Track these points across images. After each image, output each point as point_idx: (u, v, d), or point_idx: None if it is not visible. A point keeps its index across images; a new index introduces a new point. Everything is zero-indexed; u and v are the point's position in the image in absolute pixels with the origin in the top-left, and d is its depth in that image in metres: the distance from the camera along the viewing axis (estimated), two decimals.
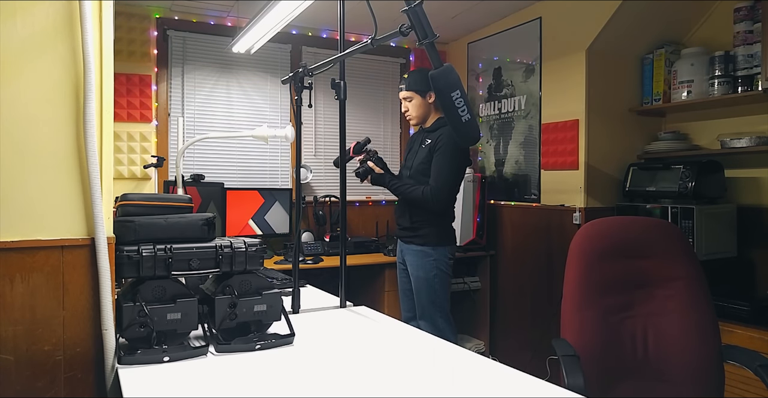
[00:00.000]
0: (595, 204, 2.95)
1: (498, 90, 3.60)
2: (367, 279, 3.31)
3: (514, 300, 3.40)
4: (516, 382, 1.15)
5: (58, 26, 1.20)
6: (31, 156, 1.18)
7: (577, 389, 1.41)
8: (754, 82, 2.52)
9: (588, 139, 2.92)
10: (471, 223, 3.40)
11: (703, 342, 1.70)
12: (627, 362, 1.72)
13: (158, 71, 3.26)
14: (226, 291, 1.38)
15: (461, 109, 1.22)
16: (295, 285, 1.75)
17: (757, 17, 2.50)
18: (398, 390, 1.11)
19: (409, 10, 1.22)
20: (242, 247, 1.40)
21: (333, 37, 3.74)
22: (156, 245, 1.31)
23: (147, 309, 1.26)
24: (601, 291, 1.75)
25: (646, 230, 1.83)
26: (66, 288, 1.21)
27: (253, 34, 2.75)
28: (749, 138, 2.54)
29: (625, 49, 3.00)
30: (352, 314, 1.76)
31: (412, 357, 1.32)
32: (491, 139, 3.66)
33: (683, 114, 3.02)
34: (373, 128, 3.92)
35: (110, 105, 1.27)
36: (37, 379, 1.18)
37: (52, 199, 1.20)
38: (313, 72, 1.71)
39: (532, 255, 3.26)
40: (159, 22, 3.26)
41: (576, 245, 1.81)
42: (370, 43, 1.41)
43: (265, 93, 3.56)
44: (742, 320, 2.29)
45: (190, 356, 1.29)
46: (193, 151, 3.36)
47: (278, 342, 1.39)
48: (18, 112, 1.17)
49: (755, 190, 2.67)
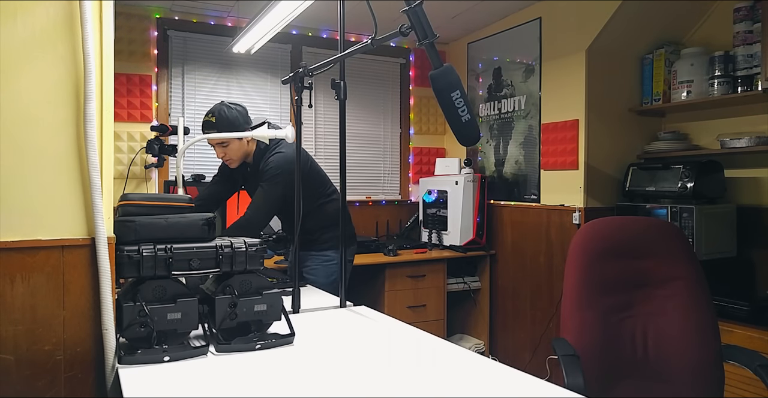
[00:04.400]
0: (595, 204, 2.95)
1: (498, 90, 3.60)
2: (367, 279, 3.32)
3: (514, 300, 3.40)
4: (516, 382, 1.15)
5: (58, 26, 1.20)
6: (31, 156, 1.18)
7: (577, 389, 1.41)
8: (754, 82, 2.52)
9: (588, 139, 2.92)
10: (471, 223, 3.40)
11: (703, 342, 1.70)
12: (627, 362, 1.72)
13: (158, 71, 3.26)
14: (226, 291, 1.38)
15: (461, 109, 1.22)
16: (295, 285, 1.75)
17: (756, 17, 2.50)
18: (398, 390, 1.11)
19: (409, 10, 1.22)
20: (242, 247, 1.40)
21: (333, 37, 3.74)
22: (156, 245, 1.31)
23: (147, 309, 1.26)
24: (600, 291, 1.75)
25: (645, 230, 1.84)
26: (66, 288, 1.21)
27: (253, 34, 2.75)
28: (749, 138, 2.54)
29: (625, 49, 3.00)
30: (352, 314, 1.76)
31: (412, 357, 1.32)
32: (491, 139, 3.66)
33: (683, 114, 3.02)
34: (373, 128, 3.92)
35: (110, 105, 1.27)
36: (38, 379, 1.18)
37: (52, 198, 1.20)
38: (313, 72, 1.71)
39: (532, 255, 3.26)
40: (159, 22, 3.26)
41: (576, 245, 1.81)
42: (370, 43, 1.41)
43: (265, 93, 3.56)
44: (742, 320, 2.29)
45: (191, 356, 1.29)
46: (193, 151, 3.36)
47: (278, 342, 1.39)
48: (18, 112, 1.17)
49: (755, 190, 2.67)
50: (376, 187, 3.93)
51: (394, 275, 3.17)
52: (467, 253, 3.41)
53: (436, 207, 3.58)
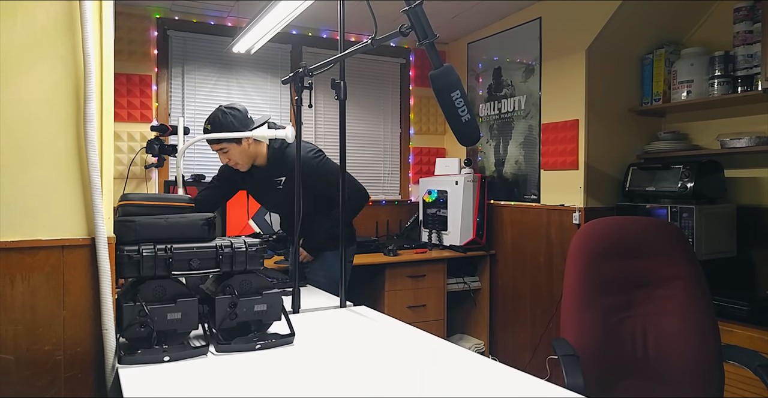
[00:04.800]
0: (595, 204, 2.95)
1: (498, 90, 3.60)
2: (367, 279, 3.31)
3: (514, 300, 3.40)
4: (516, 382, 1.15)
5: (58, 26, 1.20)
6: (31, 156, 1.18)
7: (577, 389, 1.41)
8: (754, 82, 2.52)
9: (588, 138, 2.92)
10: (471, 223, 3.40)
11: (703, 342, 1.70)
12: (627, 362, 1.72)
13: (158, 71, 3.26)
14: (226, 291, 1.38)
15: (461, 109, 1.22)
16: (295, 285, 1.75)
17: (756, 17, 2.50)
18: (398, 390, 1.11)
19: (409, 10, 1.22)
20: (242, 247, 1.40)
21: (333, 37, 3.74)
22: (156, 245, 1.31)
23: (147, 309, 1.26)
24: (600, 290, 1.75)
25: (645, 230, 1.84)
26: (66, 288, 1.21)
27: (253, 34, 2.75)
28: (749, 138, 2.54)
29: (625, 49, 3.00)
30: (352, 314, 1.76)
31: (412, 357, 1.32)
32: (491, 139, 3.66)
33: (683, 114, 3.02)
34: (373, 128, 3.92)
35: (110, 105, 1.27)
36: (38, 379, 1.18)
37: (52, 198, 1.20)
38: (313, 72, 1.71)
39: (532, 255, 3.26)
40: (159, 22, 3.26)
41: (576, 245, 1.81)
42: (370, 43, 1.41)
43: (265, 93, 3.56)
44: (742, 320, 2.29)
45: (190, 356, 1.29)
46: (193, 151, 3.36)
47: (278, 342, 1.39)
48: (18, 112, 1.17)
49: (755, 190, 2.67)
50: (376, 187, 3.93)
51: (394, 275, 3.16)
52: (467, 253, 3.41)
53: (436, 207, 3.58)
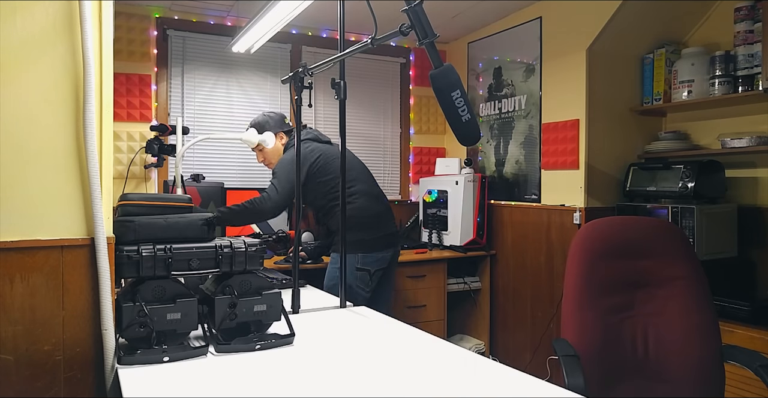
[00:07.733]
0: (596, 204, 2.95)
1: (498, 90, 3.60)
2: None
3: (514, 300, 3.40)
4: (516, 382, 1.15)
5: (58, 26, 1.20)
6: (30, 156, 1.18)
7: (578, 389, 1.41)
8: (755, 81, 2.51)
9: (588, 138, 2.92)
10: (471, 223, 3.40)
11: (704, 342, 1.70)
12: (627, 362, 1.72)
13: (158, 71, 3.26)
14: (226, 291, 1.38)
15: (461, 108, 1.22)
16: (295, 285, 1.75)
17: (757, 17, 2.50)
18: (398, 390, 1.11)
19: (409, 9, 1.22)
20: (242, 247, 1.40)
21: (333, 36, 3.73)
22: (156, 245, 1.31)
23: (147, 309, 1.26)
24: (601, 291, 1.75)
25: (646, 230, 1.83)
26: (66, 288, 1.20)
27: (252, 34, 2.75)
28: (749, 138, 2.54)
29: (626, 49, 2.99)
30: (352, 314, 1.76)
31: (412, 357, 1.32)
32: (491, 138, 3.65)
33: (684, 114, 3.01)
34: (373, 128, 3.92)
35: (110, 105, 1.27)
36: (37, 379, 1.18)
37: (52, 198, 1.20)
38: (313, 72, 1.71)
39: (532, 255, 3.26)
40: (159, 22, 3.25)
41: (576, 245, 1.80)
42: (370, 43, 1.41)
43: (265, 93, 3.56)
44: (743, 320, 2.28)
45: (190, 356, 1.29)
46: (193, 151, 3.36)
47: (278, 342, 1.39)
48: (18, 112, 1.17)
49: (755, 189, 2.67)
50: None
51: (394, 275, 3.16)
52: (467, 253, 3.40)
53: (436, 207, 3.58)
